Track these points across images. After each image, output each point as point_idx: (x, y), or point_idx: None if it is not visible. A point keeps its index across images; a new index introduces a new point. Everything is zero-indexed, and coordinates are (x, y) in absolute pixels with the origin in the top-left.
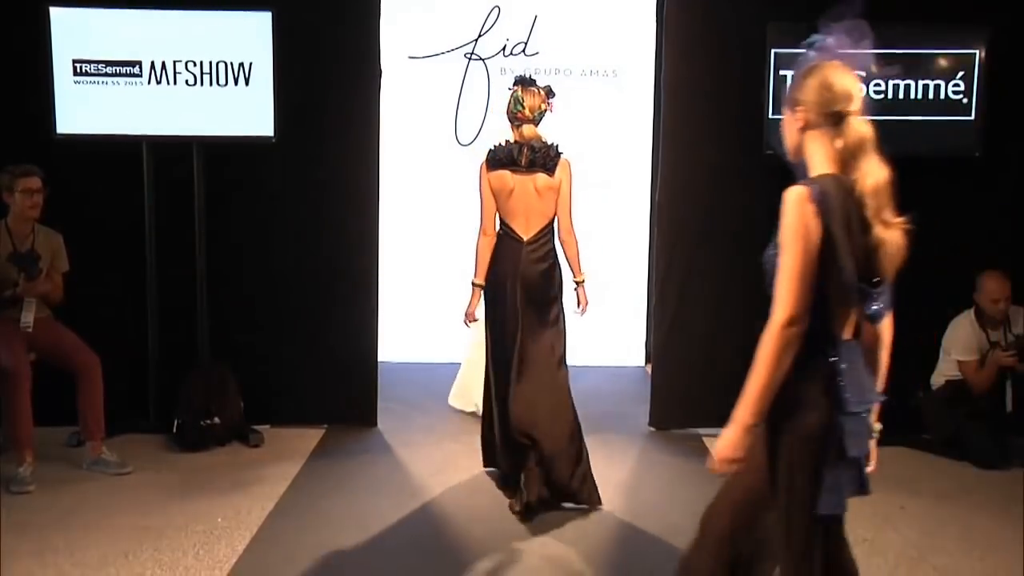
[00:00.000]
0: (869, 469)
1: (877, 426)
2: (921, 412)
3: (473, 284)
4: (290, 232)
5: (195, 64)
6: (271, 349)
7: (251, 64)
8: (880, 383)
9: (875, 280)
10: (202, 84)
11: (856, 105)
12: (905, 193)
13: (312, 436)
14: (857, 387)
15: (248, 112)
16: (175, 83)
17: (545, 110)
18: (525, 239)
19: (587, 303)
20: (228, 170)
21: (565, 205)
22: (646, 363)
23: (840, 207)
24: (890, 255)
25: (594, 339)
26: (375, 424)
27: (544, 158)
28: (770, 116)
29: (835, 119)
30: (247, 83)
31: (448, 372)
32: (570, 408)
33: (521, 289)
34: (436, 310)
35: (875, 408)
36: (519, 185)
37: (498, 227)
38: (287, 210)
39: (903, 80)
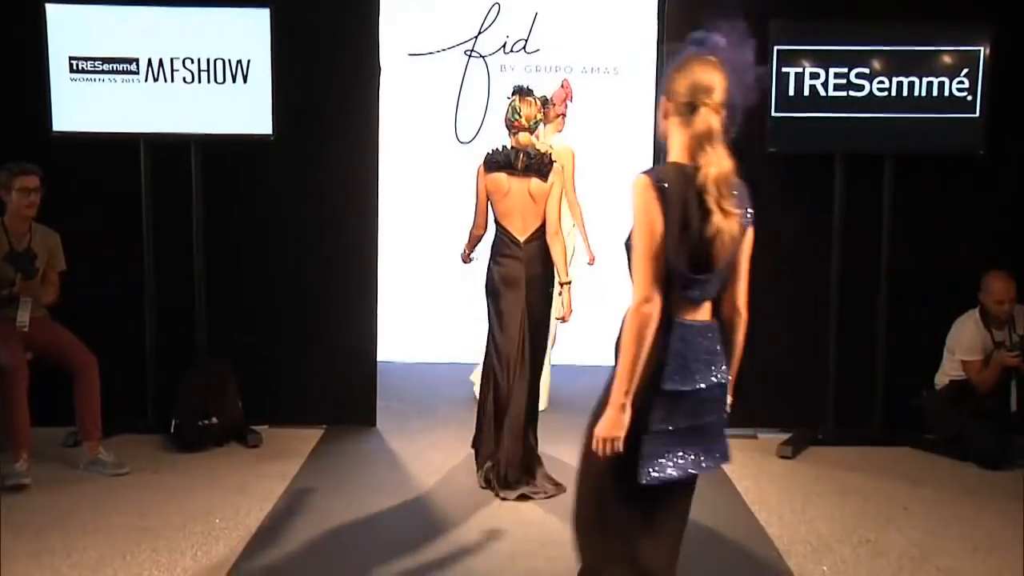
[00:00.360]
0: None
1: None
2: (924, 412)
3: (470, 233)
4: (289, 231)
5: (193, 61)
6: (269, 349)
7: (249, 61)
8: (732, 365)
9: (706, 266)
10: (200, 82)
11: (713, 99)
12: (908, 191)
13: (311, 436)
14: (680, 367)
15: (246, 110)
16: (172, 80)
17: (540, 119)
18: (521, 240)
19: (571, 310)
20: (226, 168)
21: (554, 207)
22: None
23: (678, 194)
24: (724, 244)
25: (594, 338)
26: (374, 424)
27: (539, 164)
28: (773, 114)
29: (691, 109)
30: (245, 81)
31: (448, 372)
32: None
33: (520, 288)
34: (436, 309)
35: (728, 385)
36: (514, 188)
37: (495, 229)
38: (286, 209)
39: (907, 77)
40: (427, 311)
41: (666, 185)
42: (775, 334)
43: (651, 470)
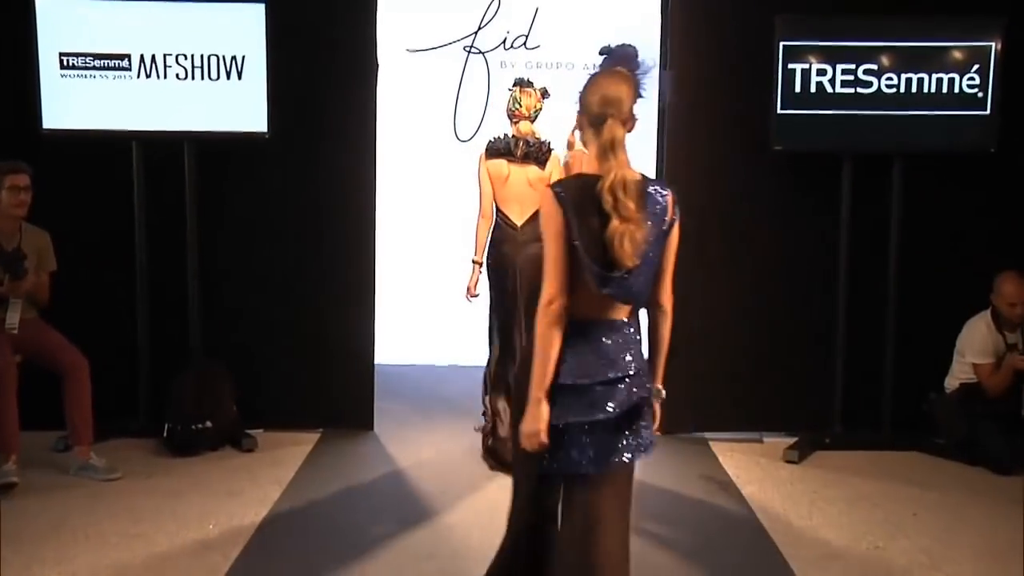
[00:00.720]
0: (654, 428)
1: (658, 387)
2: (934, 415)
3: (473, 262)
4: (285, 230)
5: (186, 57)
6: (265, 350)
7: (244, 57)
8: (660, 359)
9: (616, 267)
10: (193, 78)
11: (620, 110)
12: (918, 190)
13: (307, 440)
14: (578, 362)
15: (241, 107)
16: (165, 77)
17: (540, 108)
18: (519, 224)
19: None
20: (220, 167)
21: None
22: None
23: (578, 204)
24: (626, 247)
25: None
26: (372, 428)
27: (537, 152)
28: (779, 111)
29: (600, 121)
30: (240, 77)
31: (448, 375)
32: None
33: (515, 266)
34: (435, 311)
35: (656, 373)
36: (514, 174)
37: (495, 215)
38: (281, 208)
39: (916, 74)
40: (426, 312)
41: (563, 195)
42: (781, 336)
43: (552, 461)
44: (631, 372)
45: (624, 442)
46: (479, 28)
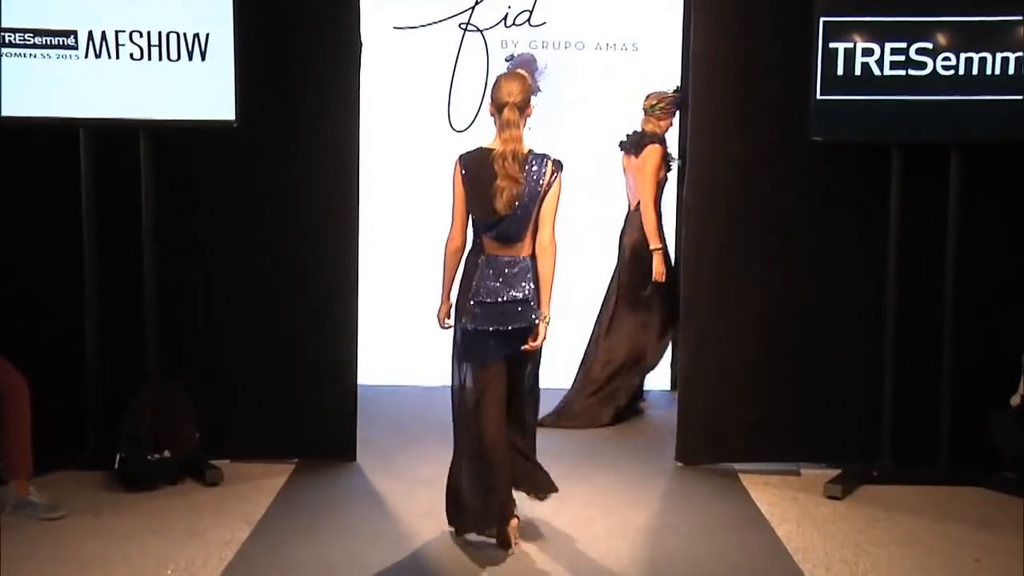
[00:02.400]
0: (529, 345)
1: (543, 312)
2: (994, 434)
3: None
4: (255, 232)
5: (141, 35)
6: (232, 370)
7: (208, 36)
8: (543, 286)
9: (495, 215)
10: (150, 58)
11: (513, 99)
12: (978, 185)
13: (280, 472)
14: (485, 287)
15: (205, 92)
16: (118, 57)
17: (661, 104)
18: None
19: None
20: (182, 161)
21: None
22: (672, 387)
23: (474, 169)
24: (505, 199)
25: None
26: (354, 458)
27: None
28: (819, 97)
29: (500, 108)
30: (203, 58)
31: (441, 397)
32: None
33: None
34: (426, 325)
35: (541, 299)
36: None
37: None
38: (251, 207)
39: (977, 53)
40: (416, 327)
41: (466, 163)
42: (821, 353)
43: (467, 355)
44: (527, 295)
45: (512, 345)
46: (476, 2)
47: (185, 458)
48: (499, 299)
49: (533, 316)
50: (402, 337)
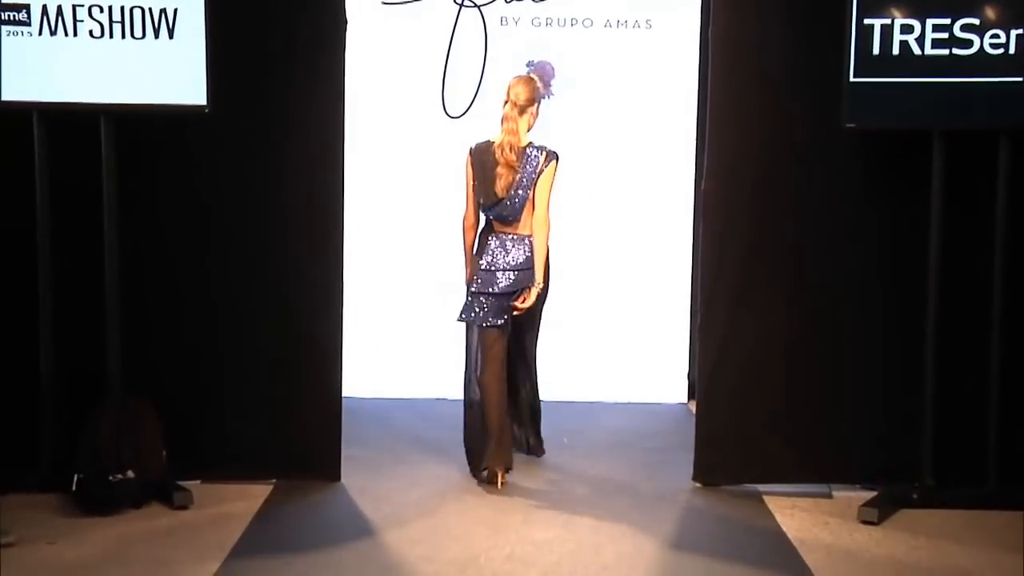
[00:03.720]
0: (517, 304)
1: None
2: None
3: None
4: (229, 230)
5: (102, 10)
6: (202, 381)
7: (176, 11)
8: (537, 259)
9: (495, 198)
10: (111, 36)
11: (516, 100)
12: None
13: (256, 494)
14: (485, 256)
15: (173, 74)
16: (76, 34)
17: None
18: None
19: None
20: (147, 149)
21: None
22: (689, 399)
23: (480, 158)
24: (502, 185)
25: (625, 370)
26: (338, 478)
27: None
28: (852, 79)
29: (504, 105)
30: (171, 36)
31: (433, 411)
32: None
33: None
34: (416, 332)
35: (536, 269)
36: None
37: None
38: (225, 202)
39: None
40: (406, 335)
41: (474, 153)
42: (854, 362)
43: (467, 313)
44: (519, 265)
45: (508, 309)
46: None
47: (151, 479)
48: (498, 268)
49: (526, 283)
50: (391, 346)
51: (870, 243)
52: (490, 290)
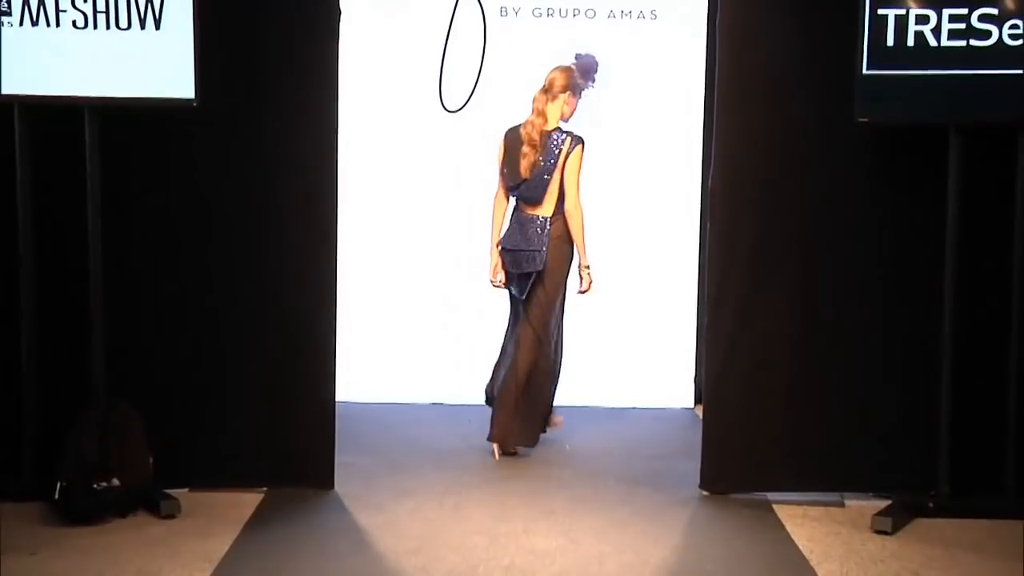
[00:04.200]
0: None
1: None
2: None
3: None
4: (217, 228)
5: (86, 0)
6: (190, 385)
7: (163, 1)
8: (577, 242)
9: (519, 178)
10: (96, 26)
11: (550, 88)
12: None
13: (246, 503)
14: (512, 236)
15: (160, 66)
16: (58, 25)
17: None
18: None
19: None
20: (133, 145)
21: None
22: (696, 404)
23: (510, 142)
24: (527, 168)
25: (630, 374)
26: (331, 486)
27: None
28: (865, 71)
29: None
30: (158, 27)
31: (429, 414)
32: None
33: None
34: (414, 334)
35: (580, 252)
36: None
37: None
38: (213, 199)
39: None
40: (402, 337)
41: (505, 134)
42: (868, 365)
43: (508, 288)
44: (535, 247)
45: (524, 286)
46: None
47: (137, 487)
48: (515, 248)
49: (539, 263)
50: (387, 349)
51: (884, 244)
52: (509, 268)
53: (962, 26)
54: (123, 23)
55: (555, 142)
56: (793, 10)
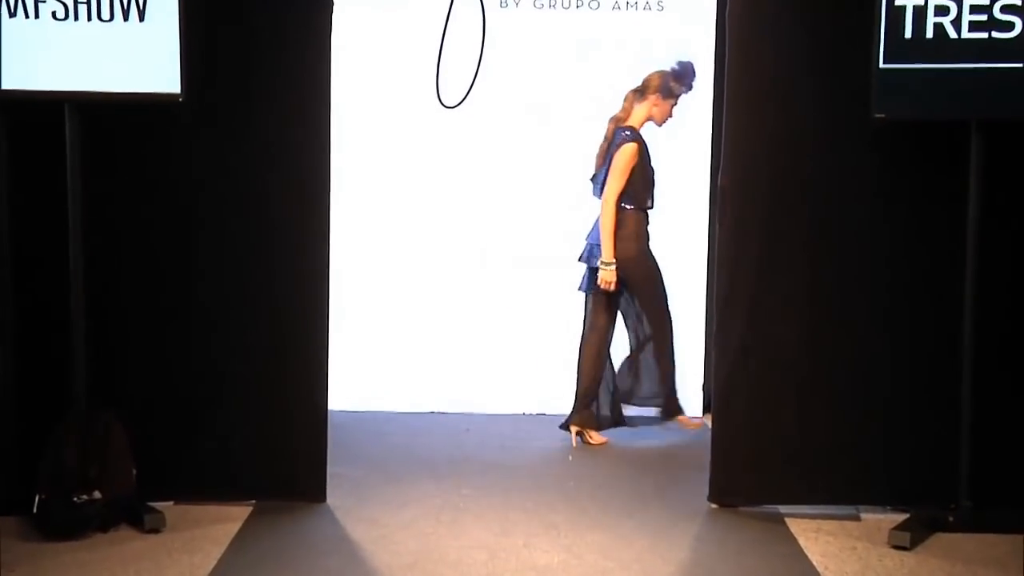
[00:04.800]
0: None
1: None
2: None
3: None
4: (205, 231)
5: None
6: (175, 393)
7: None
8: (601, 234)
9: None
10: (77, 17)
11: (644, 89)
12: None
13: (234, 517)
14: (592, 229)
15: (144, 60)
16: (38, 16)
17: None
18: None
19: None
20: (116, 142)
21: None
22: (704, 413)
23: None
24: (598, 158)
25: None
26: (323, 499)
27: None
28: (882, 65)
29: None
30: (142, 18)
31: (426, 423)
32: None
33: None
34: (411, 340)
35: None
36: None
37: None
38: (200, 198)
39: None
40: (398, 342)
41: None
42: (883, 373)
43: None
44: (594, 241)
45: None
46: None
47: (119, 500)
48: (590, 242)
49: (596, 259)
50: (381, 354)
51: (900, 245)
52: (586, 266)
53: (984, 17)
54: (105, 14)
55: (619, 137)
56: (805, 1)
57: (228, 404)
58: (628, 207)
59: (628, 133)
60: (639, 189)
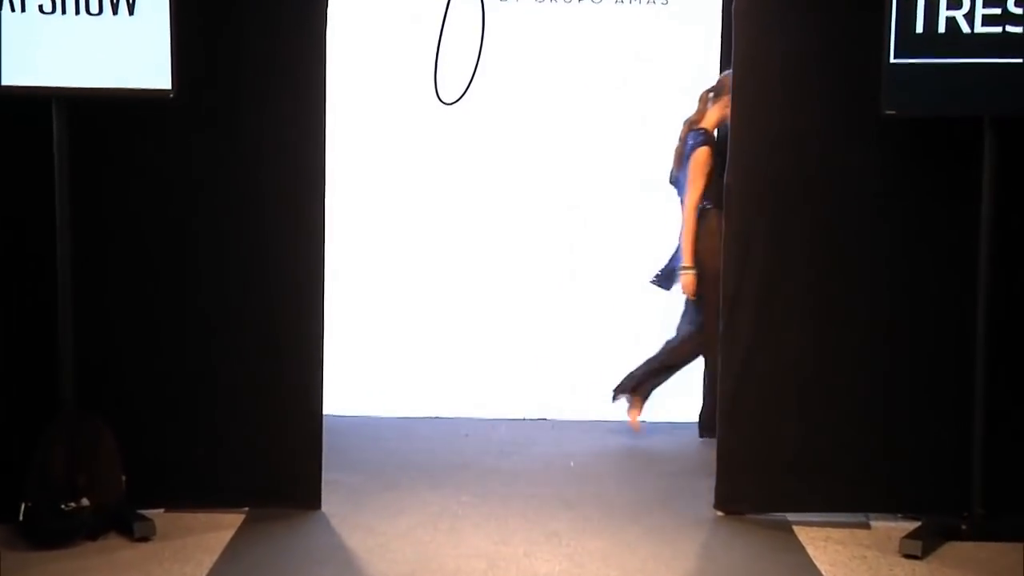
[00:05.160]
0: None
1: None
2: None
3: None
4: (195, 228)
5: None
6: (166, 396)
7: None
8: (682, 241)
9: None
10: (64, 11)
11: (716, 89)
12: None
13: (226, 524)
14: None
15: (134, 55)
16: (24, 10)
17: None
18: None
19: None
20: (105, 139)
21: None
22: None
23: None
24: (675, 158)
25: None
26: (318, 506)
27: None
28: (893, 60)
29: None
30: (131, 11)
31: (424, 428)
32: None
33: None
34: (408, 343)
35: None
36: None
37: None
38: (192, 196)
39: None
40: (395, 345)
41: None
42: (893, 377)
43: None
44: (678, 244)
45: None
46: None
47: (108, 507)
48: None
49: (678, 261)
50: (378, 357)
51: (911, 246)
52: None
53: (997, 11)
54: (94, 8)
55: (692, 140)
56: None
57: (220, 408)
58: (709, 206)
59: (702, 137)
60: (718, 188)
